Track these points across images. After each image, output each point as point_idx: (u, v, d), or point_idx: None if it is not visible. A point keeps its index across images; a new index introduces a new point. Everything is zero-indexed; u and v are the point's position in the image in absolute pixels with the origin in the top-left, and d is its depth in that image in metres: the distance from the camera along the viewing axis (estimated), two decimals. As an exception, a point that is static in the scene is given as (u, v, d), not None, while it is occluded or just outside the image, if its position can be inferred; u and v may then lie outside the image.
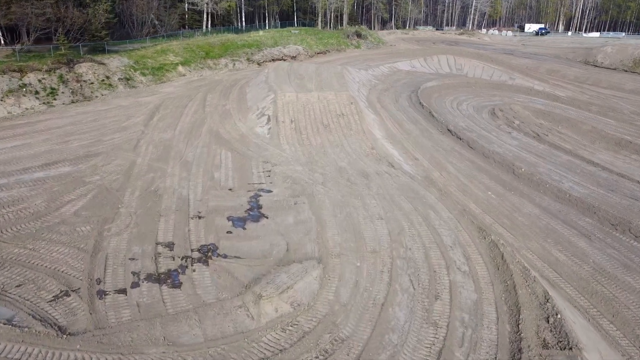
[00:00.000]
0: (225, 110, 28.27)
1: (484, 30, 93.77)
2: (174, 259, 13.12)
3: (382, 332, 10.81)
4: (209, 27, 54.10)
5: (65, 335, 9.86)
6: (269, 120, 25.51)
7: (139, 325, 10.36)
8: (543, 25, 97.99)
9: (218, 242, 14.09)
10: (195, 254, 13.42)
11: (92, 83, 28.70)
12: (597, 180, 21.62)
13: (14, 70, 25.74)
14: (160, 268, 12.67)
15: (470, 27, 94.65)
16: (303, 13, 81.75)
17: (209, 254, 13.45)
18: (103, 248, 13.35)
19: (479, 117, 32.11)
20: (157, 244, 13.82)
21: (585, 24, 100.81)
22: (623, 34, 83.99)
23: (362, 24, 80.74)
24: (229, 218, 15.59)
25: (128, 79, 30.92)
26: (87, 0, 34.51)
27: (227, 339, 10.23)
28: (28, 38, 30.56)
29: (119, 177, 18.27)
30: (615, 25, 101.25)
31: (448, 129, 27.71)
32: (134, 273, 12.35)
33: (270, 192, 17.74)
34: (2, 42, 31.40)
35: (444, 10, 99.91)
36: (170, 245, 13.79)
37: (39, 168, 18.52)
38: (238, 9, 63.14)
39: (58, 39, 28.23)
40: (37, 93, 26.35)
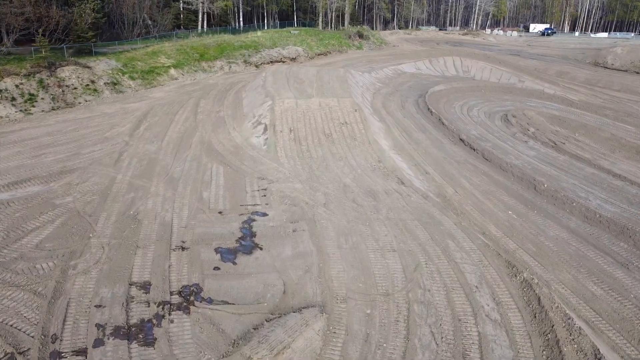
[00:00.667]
0: (219, 118, 26.14)
1: (489, 31, 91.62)
2: (149, 305, 11.00)
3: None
4: (205, 27, 51.98)
5: None
6: (266, 130, 23.38)
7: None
8: (549, 25, 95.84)
9: (203, 281, 11.97)
10: (175, 298, 11.30)
11: (75, 88, 26.58)
12: (626, 197, 19.51)
13: (-11, 75, 23.70)
14: (132, 318, 10.55)
15: (475, 27, 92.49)
16: (303, 13, 79.57)
17: (191, 299, 11.33)
18: (65, 292, 11.22)
19: (492, 124, 29.99)
20: (130, 285, 11.70)
21: (591, 24, 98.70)
22: (632, 35, 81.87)
23: (363, 24, 78.61)
24: (218, 249, 13.47)
25: (115, 84, 28.80)
26: (72, -1, 32.50)
27: None
28: (8, 39, 28.45)
29: (95, 198, 16.14)
30: (622, 26, 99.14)
31: (460, 139, 25.58)
32: (99, 326, 10.22)
33: (266, 215, 15.62)
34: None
35: (447, 10, 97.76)
36: (146, 287, 11.66)
37: (4, 188, 16.39)
38: (236, 9, 61.01)
39: (38, 41, 26.06)
40: (13, 100, 24.23)
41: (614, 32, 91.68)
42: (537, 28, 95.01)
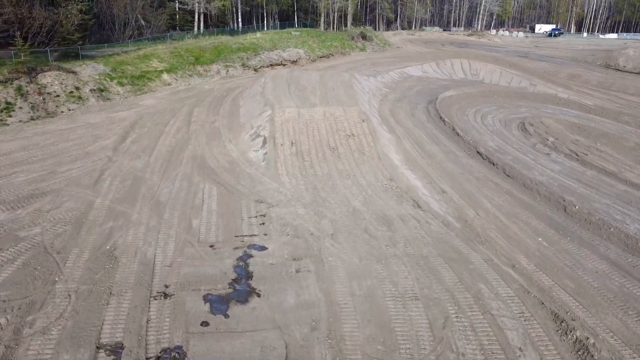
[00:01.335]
0: (214, 129, 23.97)
1: (494, 31, 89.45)
2: (119, 379, 8.85)
3: None
4: (202, 28, 49.80)
5: None
6: (265, 143, 21.21)
7: None
8: (555, 26, 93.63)
9: (187, 342, 9.81)
10: (152, 369, 9.15)
11: (57, 96, 24.42)
12: (668, 220, 17.38)
13: (-38, 82, 21.54)
14: (95, 399, 8.40)
15: (480, 27, 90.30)
16: (304, 13, 77.34)
17: (172, 370, 9.17)
18: (15, 361, 9.06)
19: (509, 133, 27.83)
20: (98, 349, 9.54)
21: (598, 25, 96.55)
22: (641, 35, 79.71)
23: (366, 25, 76.45)
24: (207, 297, 11.31)
25: (102, 90, 26.63)
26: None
27: None
28: (-14, 42, 26.38)
29: (67, 228, 13.98)
30: (629, 26, 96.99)
31: (477, 151, 23.41)
32: (52, 413, 8.07)
33: (265, 249, 13.47)
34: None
35: (451, 10, 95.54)
36: (117, 351, 9.51)
37: (-38, 217, 14.24)
38: (234, 9, 58.79)
39: (16, 43, 23.87)
40: (-12, 109, 22.10)
41: (622, 32, 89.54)
42: (542, 28, 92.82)
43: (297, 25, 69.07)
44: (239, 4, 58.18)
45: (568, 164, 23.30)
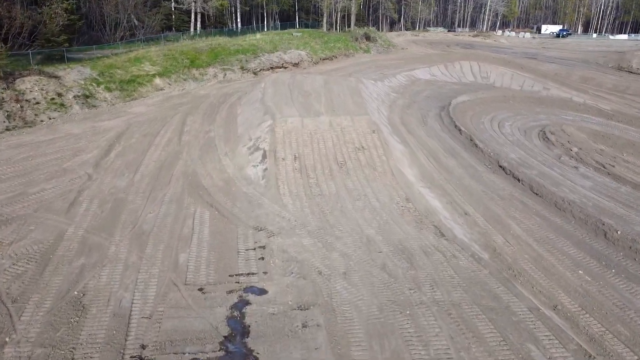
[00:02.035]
0: (209, 140, 21.76)
1: (499, 32, 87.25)
2: None
3: None
4: (199, 29, 47.55)
5: None
6: (265, 157, 19.00)
7: None
8: (563, 27, 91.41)
9: None
10: None
11: (37, 103, 22.23)
12: None
13: None
14: None
15: (486, 28, 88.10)
16: (305, 13, 75.10)
17: None
18: None
19: (530, 143, 25.62)
20: None
21: (606, 25, 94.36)
22: (653, 36, 77.59)
23: (369, 25, 74.27)
24: (192, 363, 9.10)
25: (87, 97, 24.42)
26: (42, -2, 27.94)
27: None
28: (-38, 44, 24.15)
29: (29, 267, 11.77)
30: (637, 27, 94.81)
31: (500, 165, 21.19)
32: None
33: (264, 293, 11.27)
34: None
35: (456, 10, 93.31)
36: None
37: None
38: (233, 9, 56.51)
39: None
40: (-43, 119, 19.90)
41: (632, 33, 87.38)
42: (549, 29, 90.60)
43: (298, 26, 66.86)
44: (238, 4, 55.91)
45: (599, 179, 21.07)
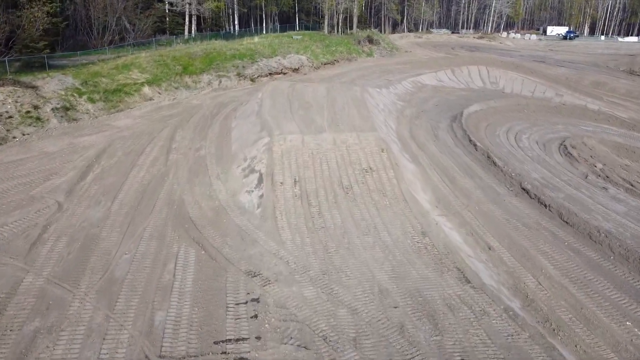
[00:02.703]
0: (199, 159, 19.61)
1: (504, 34, 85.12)
2: None
3: None
4: (194, 32, 45.34)
5: None
6: (261, 181, 16.85)
7: None
8: (569, 28, 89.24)
9: None
10: None
11: (10, 117, 20.09)
12: None
13: None
14: None
15: (490, 30, 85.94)
16: (306, 15, 72.87)
17: None
18: None
19: (551, 159, 23.50)
20: None
21: (612, 27, 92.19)
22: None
23: (371, 27, 72.13)
24: None
25: (67, 109, 22.25)
26: (21, 0, 25.61)
27: None
28: None
29: (-31, 334, 9.61)
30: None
31: (523, 188, 19.04)
32: None
33: (257, 369, 9.11)
34: None
35: (459, 12, 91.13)
36: None
37: None
38: (230, 11, 54.25)
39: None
40: None
41: (637, 35, 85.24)
42: (555, 30, 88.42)
43: (298, 28, 64.68)
44: (235, 6, 53.65)
45: (633, 203, 18.93)
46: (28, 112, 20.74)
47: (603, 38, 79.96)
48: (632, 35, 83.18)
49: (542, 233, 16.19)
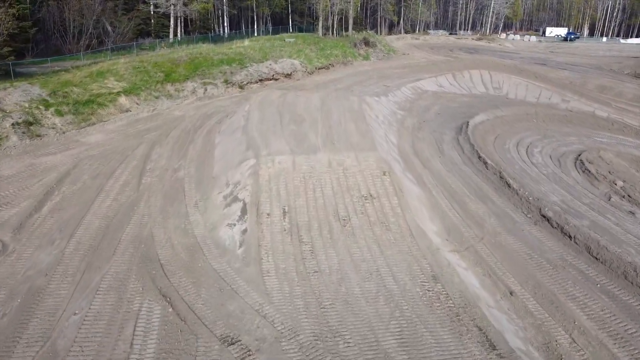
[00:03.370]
0: (176, 182, 17.28)
1: (503, 35, 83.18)
2: None
3: None
4: (181, 35, 42.86)
5: None
6: (245, 213, 14.56)
7: None
8: (569, 29, 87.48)
9: None
10: None
11: (-39, 135, 17.72)
12: None
13: None
14: None
15: (489, 31, 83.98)
16: (299, 16, 70.50)
17: None
18: None
19: (568, 177, 21.37)
20: None
21: (612, 28, 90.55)
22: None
23: (367, 28, 69.95)
24: None
25: (31, 124, 19.84)
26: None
27: None
28: None
29: None
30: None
31: (542, 215, 16.85)
32: None
33: None
34: None
35: (457, 12, 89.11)
36: None
37: None
38: (219, 12, 51.74)
39: None
40: None
41: (637, 37, 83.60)
42: (554, 32, 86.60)
43: (291, 30, 62.32)
44: (225, 7, 51.11)
45: (667, 232, 16.77)
46: (-17, 128, 18.34)
47: (605, 40, 78.23)
48: (634, 37, 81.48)
49: (569, 272, 14.03)
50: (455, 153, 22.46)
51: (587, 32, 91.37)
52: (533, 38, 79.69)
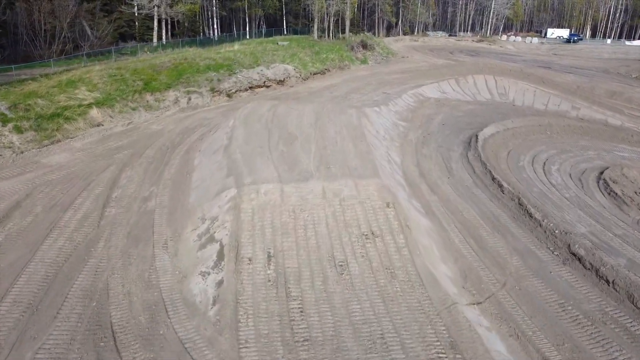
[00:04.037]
0: (145, 215, 14.79)
1: (504, 37, 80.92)
2: None
3: None
4: (167, 38, 40.29)
5: None
6: (222, 257, 12.11)
7: None
8: (571, 31, 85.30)
9: None
10: None
11: None
12: None
13: None
14: None
15: (489, 32, 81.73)
16: (294, 17, 68.00)
17: None
18: None
19: (593, 201, 19.01)
20: None
21: (615, 29, 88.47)
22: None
23: (364, 30, 67.57)
24: None
25: (-18, 143, 17.38)
26: None
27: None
28: None
29: None
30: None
31: (573, 252, 14.45)
32: None
33: None
34: None
35: (456, 13, 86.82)
36: None
37: None
38: (209, 14, 49.17)
39: None
40: None
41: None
42: (555, 33, 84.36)
43: (285, 32, 59.79)
44: (215, 8, 48.52)
45: None
46: None
47: (609, 41, 76.08)
48: (638, 39, 79.40)
49: (612, 330, 11.66)
50: (466, 173, 20.04)
51: (589, 33, 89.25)
52: (535, 40, 77.46)
